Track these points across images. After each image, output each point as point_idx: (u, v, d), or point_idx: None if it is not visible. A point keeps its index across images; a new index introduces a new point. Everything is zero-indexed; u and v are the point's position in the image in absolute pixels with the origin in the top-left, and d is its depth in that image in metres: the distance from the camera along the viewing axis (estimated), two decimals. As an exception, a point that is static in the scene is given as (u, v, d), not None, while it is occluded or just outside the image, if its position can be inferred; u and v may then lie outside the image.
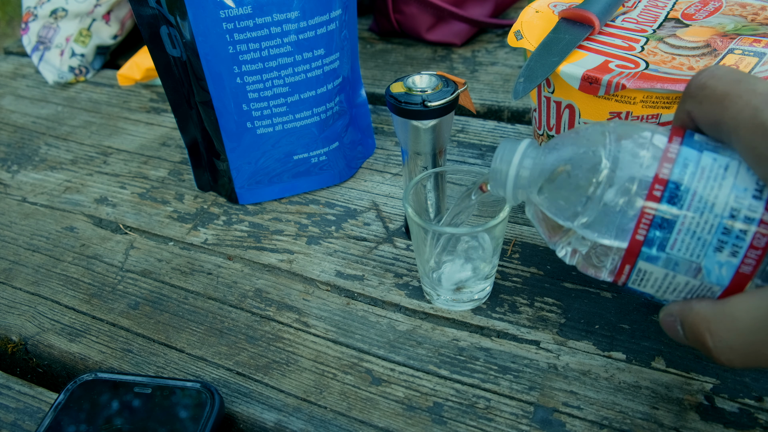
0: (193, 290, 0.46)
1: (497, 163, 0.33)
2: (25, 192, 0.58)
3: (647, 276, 0.29)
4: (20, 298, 0.46)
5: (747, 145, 0.25)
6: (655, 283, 0.29)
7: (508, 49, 0.73)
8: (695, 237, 0.26)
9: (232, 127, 0.49)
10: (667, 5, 0.44)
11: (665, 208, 0.27)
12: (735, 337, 0.26)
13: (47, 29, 0.77)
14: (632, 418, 0.34)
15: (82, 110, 0.71)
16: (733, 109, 0.26)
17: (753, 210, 0.25)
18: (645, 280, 0.29)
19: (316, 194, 0.54)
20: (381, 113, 0.64)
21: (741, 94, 0.25)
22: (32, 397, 0.39)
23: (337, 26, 0.48)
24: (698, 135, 0.28)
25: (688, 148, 0.27)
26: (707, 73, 0.27)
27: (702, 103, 0.27)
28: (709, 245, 0.26)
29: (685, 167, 0.26)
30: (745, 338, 0.25)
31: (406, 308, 0.42)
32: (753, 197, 0.26)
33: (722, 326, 0.26)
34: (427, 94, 0.39)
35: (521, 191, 0.33)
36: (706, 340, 0.27)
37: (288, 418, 0.36)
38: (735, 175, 0.26)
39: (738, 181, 0.26)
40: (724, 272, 0.27)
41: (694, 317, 0.27)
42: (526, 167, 0.32)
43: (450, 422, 0.35)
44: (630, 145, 0.28)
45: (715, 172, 0.26)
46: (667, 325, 0.29)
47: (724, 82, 0.26)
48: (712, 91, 0.27)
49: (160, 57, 0.48)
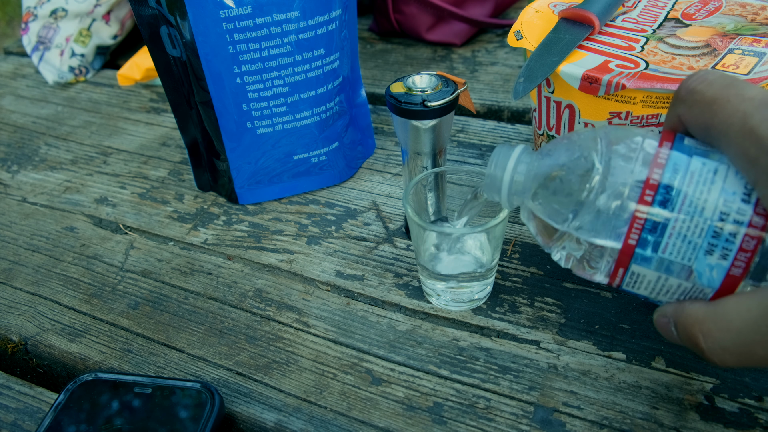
0: (193, 290, 0.46)
1: (492, 168, 0.33)
2: (25, 192, 0.58)
3: (640, 278, 0.29)
4: (20, 298, 0.46)
5: (736, 149, 0.25)
6: (648, 285, 0.29)
7: (508, 49, 0.73)
8: (686, 240, 0.27)
9: (232, 127, 0.49)
10: (667, 5, 0.44)
11: (656, 212, 0.27)
12: (727, 337, 0.26)
13: (47, 29, 0.77)
14: (632, 418, 0.34)
15: (82, 110, 0.71)
16: (722, 114, 0.26)
17: (742, 213, 0.26)
18: (639, 283, 0.29)
19: (316, 194, 0.54)
20: (381, 113, 0.64)
21: (730, 99, 0.26)
22: (32, 397, 0.39)
23: (337, 26, 0.48)
24: (688, 139, 0.28)
25: (678, 152, 0.27)
26: (697, 78, 0.28)
27: (692, 108, 0.27)
28: (700, 248, 0.27)
29: (675, 172, 0.27)
30: (737, 339, 0.26)
31: (406, 308, 0.42)
32: (742, 201, 0.26)
33: (714, 327, 0.26)
34: (427, 94, 0.39)
35: (516, 197, 0.33)
36: (699, 341, 0.27)
37: (288, 418, 0.36)
38: (724, 179, 0.26)
39: (727, 184, 0.26)
40: (715, 275, 0.27)
41: (687, 318, 0.28)
42: (520, 173, 0.32)
43: (450, 422, 0.35)
44: (622, 150, 0.28)
45: (705, 177, 0.27)
46: (662, 326, 0.30)
47: (714, 86, 0.26)
48: (701, 95, 0.27)
49: (160, 57, 0.48)
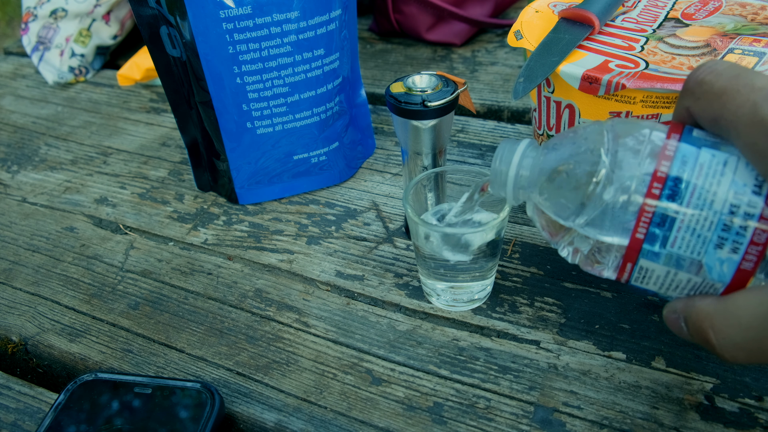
0: (193, 290, 0.46)
1: (497, 164, 0.33)
2: (25, 192, 0.58)
3: (649, 273, 0.29)
4: (20, 299, 0.46)
5: (746, 140, 0.25)
6: (657, 281, 0.29)
7: (508, 49, 0.73)
8: (695, 234, 0.26)
9: (232, 127, 0.49)
10: (667, 5, 0.44)
11: (664, 205, 0.27)
12: (738, 333, 0.25)
13: (47, 29, 0.77)
14: (632, 418, 0.34)
15: (82, 110, 0.71)
16: (731, 105, 0.25)
17: (753, 206, 0.25)
18: (647, 278, 0.29)
19: (316, 194, 0.54)
20: (381, 113, 0.64)
21: (740, 90, 0.25)
22: (32, 398, 0.39)
23: (337, 26, 0.48)
24: (697, 130, 0.28)
25: (686, 144, 0.27)
26: (705, 69, 0.27)
27: (700, 99, 0.27)
28: (710, 242, 0.26)
29: (684, 164, 0.26)
30: (749, 334, 0.25)
31: (406, 308, 0.42)
32: (752, 193, 0.25)
33: (725, 323, 0.26)
34: (427, 94, 0.39)
35: (522, 191, 0.33)
36: (710, 337, 0.26)
37: (288, 418, 0.36)
38: (734, 171, 0.26)
39: (737, 176, 0.26)
40: (726, 269, 0.26)
41: (697, 314, 0.27)
42: (525, 167, 0.32)
43: (450, 422, 0.35)
44: (629, 143, 0.28)
45: (714, 168, 0.26)
46: (671, 323, 0.29)
47: (723, 77, 0.26)
48: (710, 86, 0.26)
49: (160, 57, 0.48)
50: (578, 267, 0.43)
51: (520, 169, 0.32)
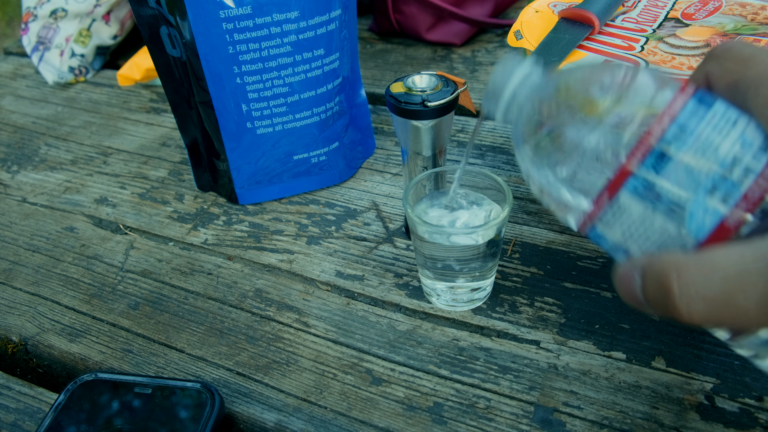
0: (193, 290, 0.46)
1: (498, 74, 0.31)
2: (25, 192, 0.58)
3: (622, 214, 0.27)
4: (20, 299, 0.46)
5: (764, 101, 0.26)
6: (625, 225, 0.27)
7: (508, 49, 0.73)
8: (689, 173, 0.26)
9: (232, 127, 0.49)
10: (667, 5, 0.44)
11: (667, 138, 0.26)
12: (708, 281, 0.23)
13: (47, 29, 0.77)
14: (632, 418, 0.34)
15: (82, 110, 0.71)
16: (756, 68, 0.26)
17: (757, 160, 0.25)
18: (617, 221, 0.28)
19: (316, 194, 0.54)
20: (381, 113, 0.64)
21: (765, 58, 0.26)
22: (32, 398, 0.39)
23: (337, 26, 0.48)
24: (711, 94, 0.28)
25: (702, 93, 0.27)
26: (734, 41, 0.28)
27: (724, 63, 0.28)
28: (702, 187, 0.25)
29: (699, 103, 0.26)
30: (720, 284, 0.23)
31: (406, 308, 0.42)
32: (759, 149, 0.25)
33: (696, 270, 0.24)
34: (427, 94, 0.39)
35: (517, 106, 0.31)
36: (672, 285, 0.24)
37: (288, 418, 0.36)
38: (745, 127, 0.26)
39: (747, 134, 0.26)
40: (708, 221, 0.25)
41: (662, 263, 0.25)
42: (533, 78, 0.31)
43: (450, 422, 0.35)
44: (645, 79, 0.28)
45: (727, 118, 0.26)
46: (622, 278, 0.26)
47: (752, 48, 0.27)
48: (738, 53, 0.27)
49: (160, 57, 0.48)
50: (578, 267, 0.43)
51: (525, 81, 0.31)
